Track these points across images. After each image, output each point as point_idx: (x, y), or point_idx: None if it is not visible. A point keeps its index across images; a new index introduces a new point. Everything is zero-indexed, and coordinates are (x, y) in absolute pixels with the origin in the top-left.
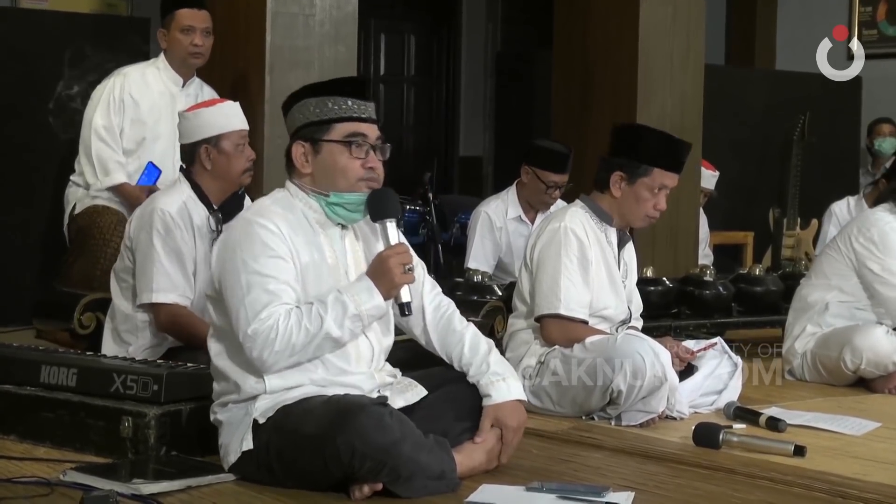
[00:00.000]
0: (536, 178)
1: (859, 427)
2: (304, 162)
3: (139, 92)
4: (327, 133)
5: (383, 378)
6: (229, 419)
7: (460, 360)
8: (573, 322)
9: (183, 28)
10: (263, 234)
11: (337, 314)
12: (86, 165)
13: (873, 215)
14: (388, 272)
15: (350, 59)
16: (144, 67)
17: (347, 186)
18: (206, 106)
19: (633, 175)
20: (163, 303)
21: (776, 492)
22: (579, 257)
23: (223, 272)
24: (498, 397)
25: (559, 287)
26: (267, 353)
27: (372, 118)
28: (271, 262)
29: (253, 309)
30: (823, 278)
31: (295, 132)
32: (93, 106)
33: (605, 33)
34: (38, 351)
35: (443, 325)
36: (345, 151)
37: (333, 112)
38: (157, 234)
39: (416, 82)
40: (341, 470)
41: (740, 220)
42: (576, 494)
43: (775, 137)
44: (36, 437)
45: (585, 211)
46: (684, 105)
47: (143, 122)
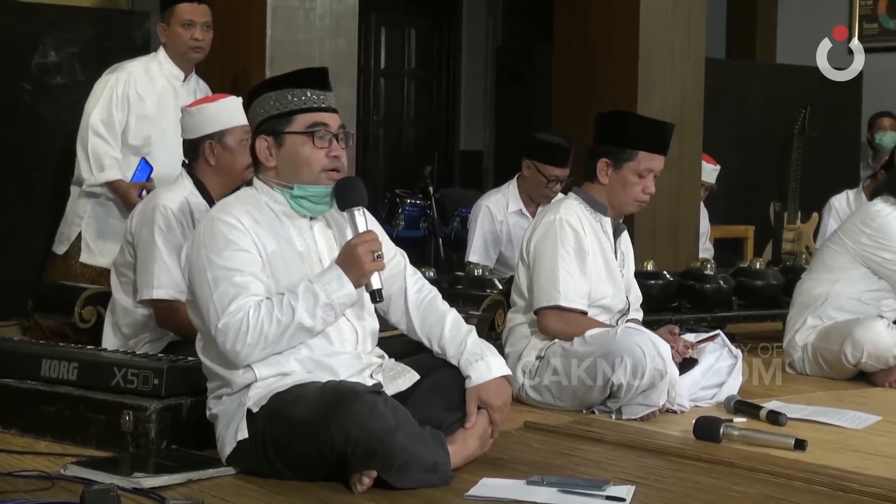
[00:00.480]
0: (537, 172)
1: (860, 421)
2: (267, 156)
3: (144, 88)
4: (289, 125)
5: (370, 359)
6: (224, 411)
7: (439, 340)
8: (573, 313)
9: (183, 22)
10: (225, 230)
11: (308, 304)
12: (82, 160)
13: (873, 207)
14: (357, 259)
15: (350, 52)
16: (147, 62)
17: (312, 177)
18: (209, 101)
19: (618, 160)
20: (163, 299)
21: (776, 485)
22: (576, 248)
23: (191, 272)
24: (478, 378)
25: (557, 279)
26: (240, 346)
27: (332, 108)
28: (236, 256)
29: (221, 303)
30: (826, 272)
31: (257, 127)
32: (94, 100)
33: (605, 27)
34: (38, 345)
35: (424, 308)
36: (307, 142)
37: (293, 104)
38: (159, 231)
39: (417, 76)
40: (335, 456)
41: (741, 213)
42: (576, 488)
43: (776, 131)
44: (37, 431)
45: (580, 202)
46: (685, 99)
47: (149, 119)
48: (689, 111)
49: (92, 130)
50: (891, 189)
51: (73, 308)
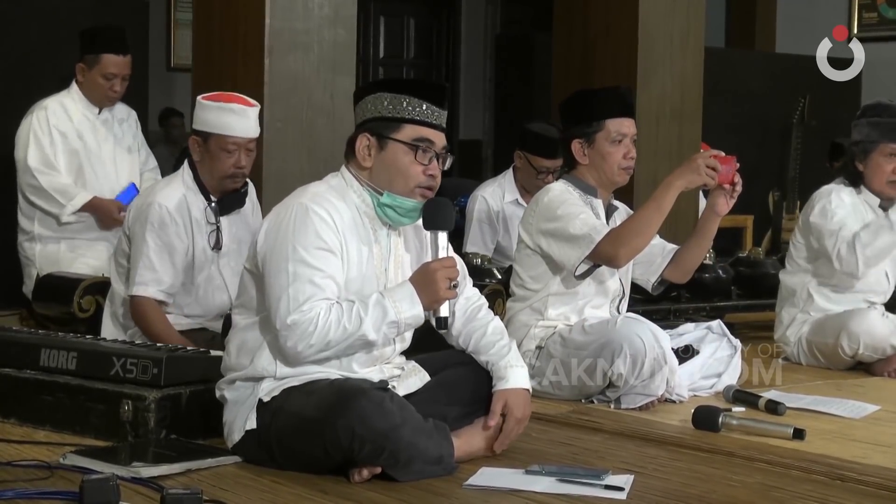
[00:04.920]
0: (528, 164)
1: (858, 410)
2: (366, 155)
3: (64, 124)
4: (396, 132)
5: (391, 371)
6: (235, 398)
7: (479, 340)
8: (610, 232)
9: (105, 74)
10: (318, 224)
11: (376, 318)
12: (44, 203)
13: (823, 189)
14: (433, 284)
15: (349, 41)
16: (61, 98)
17: (405, 190)
18: (219, 100)
19: (588, 136)
20: (140, 295)
21: (775, 474)
22: (577, 203)
23: (270, 253)
24: (514, 382)
25: (575, 229)
26: (302, 346)
27: (442, 126)
28: (321, 255)
29: (296, 300)
30: (794, 264)
31: (362, 123)
32: (22, 147)
33: (604, 15)
34: (37, 334)
35: (469, 314)
36: (410, 154)
37: (406, 112)
38: (151, 228)
39: (416, 65)
40: (341, 453)
41: (740, 202)
42: (575, 477)
43: (775, 120)
44: (36, 421)
45: (569, 186)
46: (684, 87)
47: (75, 152)
48: (689, 100)
49: (36, 172)
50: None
51: (72, 297)
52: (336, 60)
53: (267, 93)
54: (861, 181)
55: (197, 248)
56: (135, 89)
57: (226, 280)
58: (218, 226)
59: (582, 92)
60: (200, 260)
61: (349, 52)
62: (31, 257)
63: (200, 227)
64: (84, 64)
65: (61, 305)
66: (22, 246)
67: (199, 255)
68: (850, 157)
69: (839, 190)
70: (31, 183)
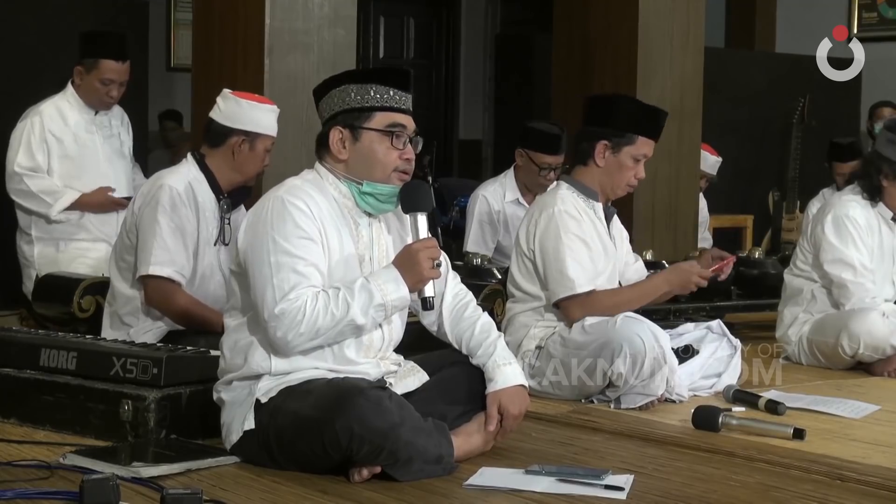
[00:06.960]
0: (530, 161)
1: (858, 410)
2: (340, 148)
3: (59, 129)
4: (368, 121)
5: (388, 367)
6: (233, 398)
7: (469, 342)
8: (590, 295)
9: (103, 79)
10: (296, 214)
11: (363, 302)
12: (33, 205)
13: (840, 198)
14: (416, 265)
15: (349, 41)
16: (57, 102)
17: (383, 176)
18: (254, 100)
19: (617, 144)
20: (157, 275)
21: (775, 474)
22: (578, 234)
23: (251, 248)
24: (503, 382)
25: (567, 268)
26: (291, 335)
27: (410, 110)
28: (302, 244)
29: (281, 289)
30: (800, 268)
31: (332, 117)
32: (14, 150)
33: (604, 15)
34: (37, 334)
35: (457, 312)
36: (385, 141)
37: (375, 100)
38: (163, 210)
39: (416, 65)
40: (340, 453)
41: (740, 203)
42: (575, 477)
43: (775, 120)
44: (36, 421)
45: (571, 191)
46: (684, 87)
47: (70, 158)
48: (689, 100)
49: (23, 175)
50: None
51: (72, 297)
52: (336, 60)
53: (267, 93)
54: (880, 196)
55: (202, 235)
56: (135, 90)
57: (225, 274)
58: (228, 220)
59: (625, 98)
60: (204, 248)
61: (349, 52)
62: (30, 259)
63: (206, 216)
64: (82, 67)
65: (61, 305)
66: (21, 248)
67: (202, 244)
68: (875, 169)
69: (853, 204)
70: (20, 188)
